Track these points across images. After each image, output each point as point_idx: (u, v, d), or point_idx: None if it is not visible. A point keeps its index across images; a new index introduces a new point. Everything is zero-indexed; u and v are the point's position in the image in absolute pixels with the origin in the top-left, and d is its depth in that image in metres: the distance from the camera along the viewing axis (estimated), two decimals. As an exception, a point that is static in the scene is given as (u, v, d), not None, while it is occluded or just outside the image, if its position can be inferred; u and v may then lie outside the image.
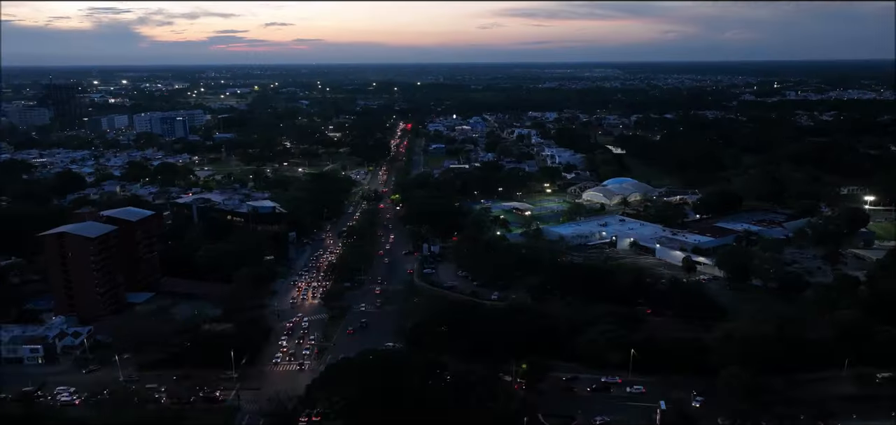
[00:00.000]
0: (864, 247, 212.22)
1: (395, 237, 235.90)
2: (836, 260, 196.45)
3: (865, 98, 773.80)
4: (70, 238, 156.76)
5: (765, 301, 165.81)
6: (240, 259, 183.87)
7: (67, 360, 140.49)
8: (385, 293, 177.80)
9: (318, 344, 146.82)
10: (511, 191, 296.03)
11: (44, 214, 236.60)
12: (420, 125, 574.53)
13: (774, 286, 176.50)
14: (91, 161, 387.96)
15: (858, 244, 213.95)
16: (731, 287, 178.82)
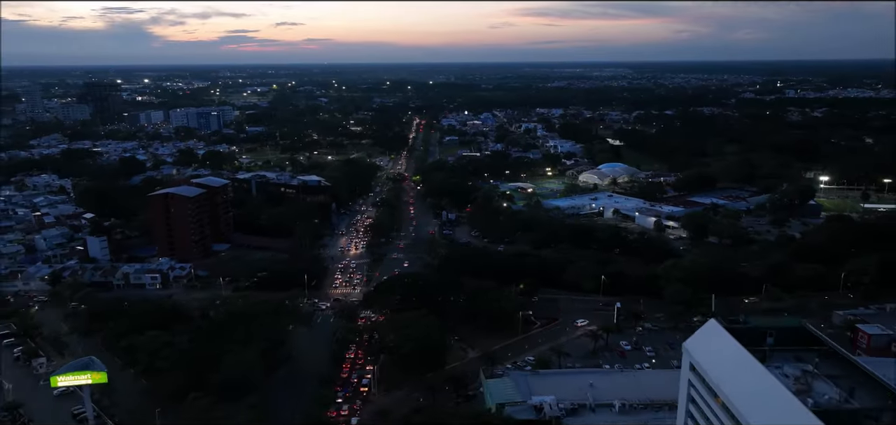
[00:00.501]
0: (811, 216, 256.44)
1: (417, 209, 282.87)
2: (782, 225, 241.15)
3: (862, 96, 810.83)
4: (173, 197, 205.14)
5: (715, 251, 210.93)
6: (294, 220, 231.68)
7: (178, 286, 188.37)
8: (413, 245, 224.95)
9: (365, 275, 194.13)
10: (516, 173, 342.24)
11: (124, 189, 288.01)
12: (434, 120, 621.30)
13: (727, 242, 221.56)
14: (140, 151, 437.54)
15: (806, 214, 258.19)
16: (691, 242, 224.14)
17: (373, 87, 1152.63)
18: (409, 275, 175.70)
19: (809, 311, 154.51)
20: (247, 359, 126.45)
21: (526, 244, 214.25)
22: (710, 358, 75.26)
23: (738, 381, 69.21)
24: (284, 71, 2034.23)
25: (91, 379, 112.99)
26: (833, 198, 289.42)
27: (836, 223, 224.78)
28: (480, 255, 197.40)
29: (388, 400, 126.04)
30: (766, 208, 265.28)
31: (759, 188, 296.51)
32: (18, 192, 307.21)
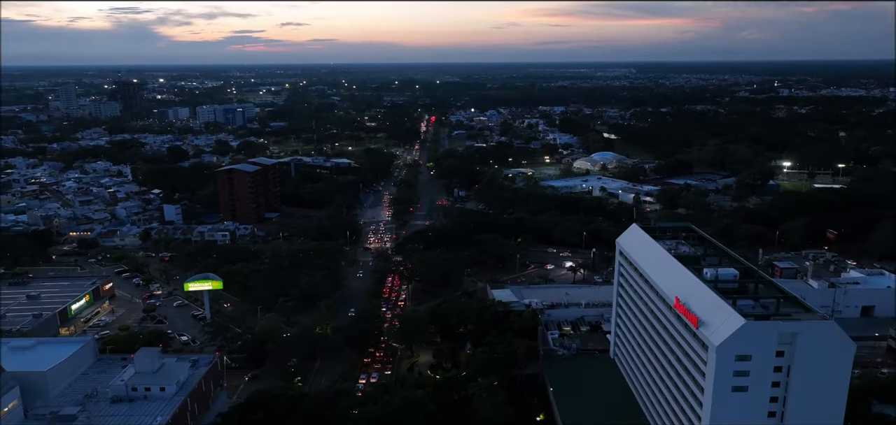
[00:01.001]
0: (769, 194, 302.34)
1: (430, 189, 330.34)
2: (742, 200, 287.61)
3: (852, 95, 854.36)
4: (236, 172, 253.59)
5: (679, 217, 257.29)
6: (330, 194, 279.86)
7: (243, 241, 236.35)
8: (429, 214, 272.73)
9: (393, 233, 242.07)
10: (518, 161, 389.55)
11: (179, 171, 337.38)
12: (443, 117, 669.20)
13: (692, 212, 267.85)
14: (177, 142, 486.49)
15: (765, 193, 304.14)
16: (662, 212, 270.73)
17: (382, 86, 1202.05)
18: (430, 228, 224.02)
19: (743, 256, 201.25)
20: (315, 280, 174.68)
21: (524, 213, 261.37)
22: (630, 243, 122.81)
23: (642, 251, 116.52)
24: (293, 71, 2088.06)
25: (212, 285, 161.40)
26: (791, 180, 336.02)
27: (782, 198, 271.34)
28: (486, 218, 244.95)
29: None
30: (731, 188, 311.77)
31: (729, 172, 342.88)
32: (84, 175, 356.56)
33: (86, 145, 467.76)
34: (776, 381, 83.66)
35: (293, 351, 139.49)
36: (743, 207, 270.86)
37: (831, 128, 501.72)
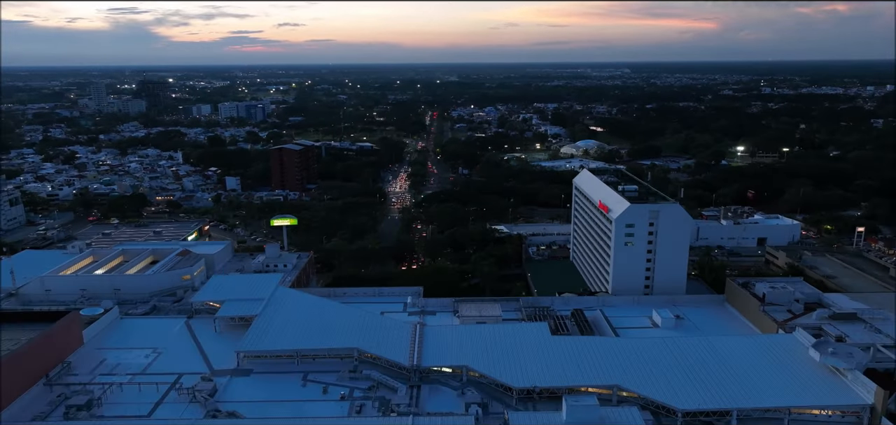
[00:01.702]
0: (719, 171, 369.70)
1: (439, 170, 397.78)
2: (696, 175, 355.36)
3: (829, 93, 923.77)
4: (286, 150, 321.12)
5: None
6: (357, 171, 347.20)
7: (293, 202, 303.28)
8: (440, 185, 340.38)
9: (412, 198, 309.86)
10: (513, 147, 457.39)
11: (226, 153, 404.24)
12: (445, 112, 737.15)
13: (653, 187, 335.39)
14: (212, 133, 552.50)
15: (716, 171, 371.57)
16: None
17: (385, 85, 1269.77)
18: (442, 191, 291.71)
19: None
20: (360, 221, 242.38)
21: (516, 183, 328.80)
22: (581, 181, 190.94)
23: (587, 184, 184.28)
24: (294, 71, 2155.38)
25: (290, 221, 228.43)
26: (739, 161, 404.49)
27: (724, 171, 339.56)
28: (486, 185, 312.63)
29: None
30: (690, 167, 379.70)
31: (691, 155, 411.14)
32: (143, 159, 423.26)
33: (128, 135, 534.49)
34: (650, 240, 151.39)
35: (353, 259, 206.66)
36: (694, 178, 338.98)
37: (792, 121, 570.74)
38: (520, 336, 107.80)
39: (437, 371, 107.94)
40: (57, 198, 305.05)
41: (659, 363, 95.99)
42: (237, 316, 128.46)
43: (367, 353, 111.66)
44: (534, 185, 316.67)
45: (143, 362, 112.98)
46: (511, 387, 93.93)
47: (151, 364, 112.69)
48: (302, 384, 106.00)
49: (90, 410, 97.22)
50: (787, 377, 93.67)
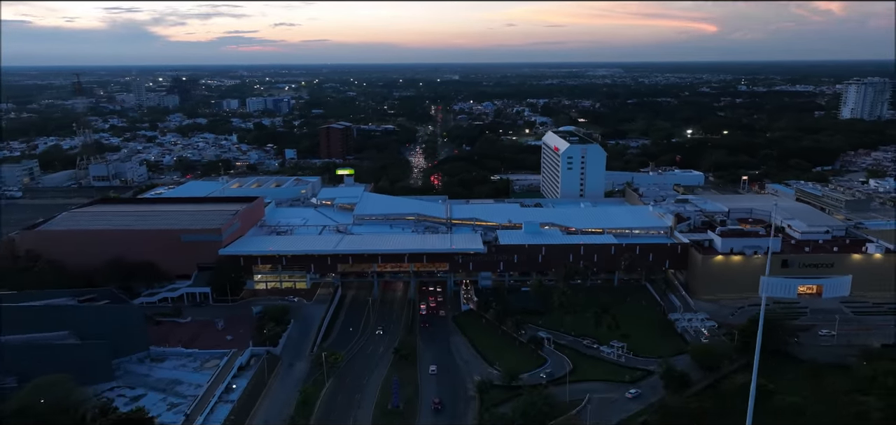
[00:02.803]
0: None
1: (447, 147, 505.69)
2: (662, 157, 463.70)
3: (800, 90, 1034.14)
4: (331, 129, 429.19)
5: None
6: (384, 145, 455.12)
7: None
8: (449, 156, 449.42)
9: (428, 162, 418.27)
10: (506, 132, 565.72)
11: (276, 134, 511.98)
12: (447, 106, 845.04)
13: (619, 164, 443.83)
14: (256, 121, 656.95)
15: (668, 150, 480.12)
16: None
17: (388, 84, 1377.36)
18: (451, 157, 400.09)
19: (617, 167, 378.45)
20: (395, 174, 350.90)
21: (507, 154, 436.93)
22: (547, 139, 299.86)
23: (550, 139, 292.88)
24: (297, 70, 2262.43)
25: (349, 171, 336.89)
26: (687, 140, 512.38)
27: (665, 145, 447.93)
28: (484, 152, 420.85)
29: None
30: (645, 145, 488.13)
31: (648, 137, 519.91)
32: (204, 140, 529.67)
33: (177, 124, 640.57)
34: (582, 165, 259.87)
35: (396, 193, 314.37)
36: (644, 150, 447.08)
37: (748, 113, 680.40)
38: (505, 209, 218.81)
39: (459, 222, 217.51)
40: (162, 163, 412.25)
41: (575, 215, 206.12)
42: (346, 203, 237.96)
43: (423, 215, 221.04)
44: (520, 156, 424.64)
45: (300, 221, 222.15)
46: (496, 225, 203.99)
47: (306, 222, 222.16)
48: (389, 228, 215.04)
49: (290, 234, 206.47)
50: (638, 218, 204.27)
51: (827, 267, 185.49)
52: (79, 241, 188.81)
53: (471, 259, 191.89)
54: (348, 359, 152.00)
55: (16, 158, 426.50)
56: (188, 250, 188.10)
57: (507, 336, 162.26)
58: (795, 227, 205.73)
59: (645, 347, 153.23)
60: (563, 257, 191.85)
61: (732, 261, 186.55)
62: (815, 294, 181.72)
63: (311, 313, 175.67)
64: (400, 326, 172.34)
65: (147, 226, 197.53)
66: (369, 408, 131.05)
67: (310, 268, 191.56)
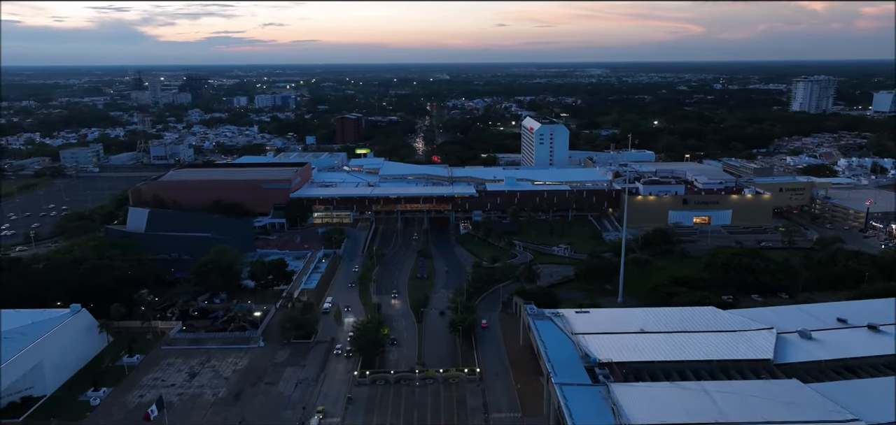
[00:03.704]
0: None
1: (444, 135, 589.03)
2: (619, 141, 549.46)
3: (772, 89, 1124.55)
4: (345, 119, 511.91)
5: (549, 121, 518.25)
6: (391, 133, 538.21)
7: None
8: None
9: (429, 146, 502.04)
10: (495, 124, 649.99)
11: (292, 124, 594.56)
12: (441, 103, 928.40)
13: (589, 147, 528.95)
14: (273, 114, 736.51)
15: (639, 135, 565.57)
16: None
17: (383, 83, 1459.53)
18: (448, 141, 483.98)
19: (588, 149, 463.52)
20: (403, 153, 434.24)
21: (495, 139, 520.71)
22: (525, 122, 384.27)
23: (527, 122, 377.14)
24: (290, 70, 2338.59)
25: (365, 151, 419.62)
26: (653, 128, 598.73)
27: (633, 133, 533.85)
28: (475, 138, 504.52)
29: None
30: (614, 134, 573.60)
31: (618, 127, 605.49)
32: (228, 130, 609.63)
33: (197, 118, 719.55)
34: (551, 141, 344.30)
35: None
36: (612, 137, 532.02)
37: (712, 108, 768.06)
38: (492, 171, 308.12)
39: (457, 179, 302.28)
40: (203, 147, 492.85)
41: (543, 174, 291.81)
42: (371, 168, 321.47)
43: (431, 175, 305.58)
44: (505, 141, 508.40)
45: (339, 180, 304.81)
46: (485, 180, 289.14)
47: (344, 181, 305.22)
48: (406, 183, 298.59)
49: (335, 187, 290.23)
50: (588, 175, 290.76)
51: (714, 204, 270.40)
52: (189, 188, 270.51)
53: (466, 201, 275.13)
54: (388, 257, 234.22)
55: (72, 144, 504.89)
56: (266, 195, 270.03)
57: (492, 246, 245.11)
58: (699, 180, 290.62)
59: (582, 248, 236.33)
60: (531, 199, 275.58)
61: (649, 200, 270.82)
62: (707, 222, 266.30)
63: (357, 235, 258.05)
64: (419, 242, 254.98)
65: (234, 178, 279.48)
66: (404, 277, 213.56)
67: (352, 208, 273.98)
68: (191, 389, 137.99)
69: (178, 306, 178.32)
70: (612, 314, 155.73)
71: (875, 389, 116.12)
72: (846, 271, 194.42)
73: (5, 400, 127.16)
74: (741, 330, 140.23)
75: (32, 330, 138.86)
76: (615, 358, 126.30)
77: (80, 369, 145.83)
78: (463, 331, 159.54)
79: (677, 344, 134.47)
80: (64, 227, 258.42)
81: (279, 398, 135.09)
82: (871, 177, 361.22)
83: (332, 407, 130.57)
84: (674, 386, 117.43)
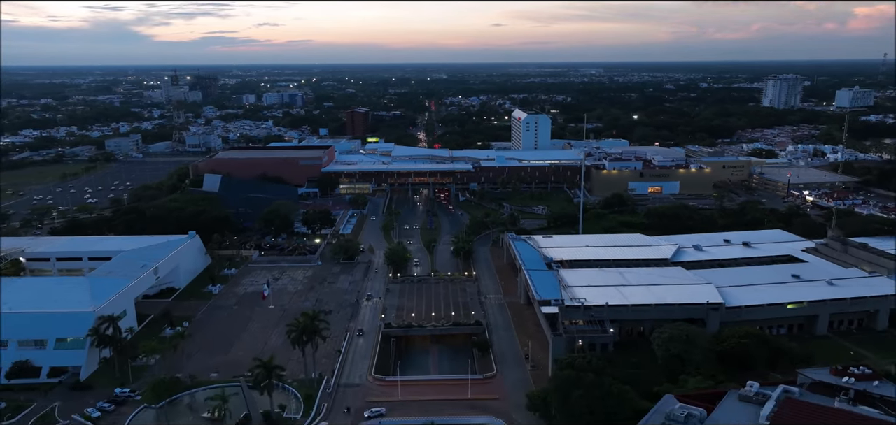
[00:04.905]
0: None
1: (443, 128, 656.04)
2: (599, 133, 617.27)
3: (754, 87, 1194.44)
4: (355, 112, 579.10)
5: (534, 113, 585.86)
6: (395, 126, 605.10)
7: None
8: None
9: (433, 134, 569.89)
10: (490, 118, 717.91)
11: (304, 118, 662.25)
12: (439, 101, 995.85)
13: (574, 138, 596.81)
14: (284, 111, 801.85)
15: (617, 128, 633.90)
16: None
17: (382, 82, 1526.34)
18: (449, 131, 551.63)
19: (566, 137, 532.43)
20: (408, 139, 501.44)
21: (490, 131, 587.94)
22: (514, 114, 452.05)
23: (516, 113, 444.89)
24: (289, 69, 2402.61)
25: (375, 139, 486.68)
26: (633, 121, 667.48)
27: (614, 126, 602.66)
28: (472, 127, 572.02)
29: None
30: (598, 127, 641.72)
31: (602, 121, 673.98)
32: (244, 125, 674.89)
33: (214, 114, 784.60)
34: (536, 129, 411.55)
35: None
36: (596, 130, 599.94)
37: (692, 105, 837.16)
38: (485, 152, 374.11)
39: (459, 158, 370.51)
40: (228, 138, 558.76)
41: (528, 155, 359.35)
42: (384, 150, 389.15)
43: (435, 156, 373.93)
44: (498, 132, 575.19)
45: (358, 160, 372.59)
46: (480, 158, 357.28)
47: (362, 160, 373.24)
48: (414, 162, 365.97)
49: (356, 164, 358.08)
50: (564, 155, 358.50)
51: (665, 176, 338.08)
52: (239, 164, 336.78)
53: (464, 175, 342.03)
54: (403, 216, 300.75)
55: (108, 136, 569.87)
56: (302, 170, 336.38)
57: (485, 208, 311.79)
58: (656, 159, 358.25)
59: (556, 210, 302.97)
60: (518, 173, 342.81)
61: (613, 173, 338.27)
62: (659, 191, 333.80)
63: (376, 201, 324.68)
64: (427, 206, 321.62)
65: (275, 157, 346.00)
66: (417, 228, 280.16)
67: (372, 180, 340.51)
68: (277, 286, 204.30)
69: (253, 242, 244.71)
70: (568, 237, 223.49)
71: (729, 273, 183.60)
72: (752, 220, 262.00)
73: (157, 287, 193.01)
74: (654, 245, 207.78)
75: (168, 246, 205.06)
76: (565, 258, 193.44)
77: (197, 275, 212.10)
78: (463, 255, 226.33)
79: (608, 251, 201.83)
80: (138, 195, 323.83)
81: (339, 290, 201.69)
82: (809, 159, 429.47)
83: (375, 294, 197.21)
84: (600, 270, 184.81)
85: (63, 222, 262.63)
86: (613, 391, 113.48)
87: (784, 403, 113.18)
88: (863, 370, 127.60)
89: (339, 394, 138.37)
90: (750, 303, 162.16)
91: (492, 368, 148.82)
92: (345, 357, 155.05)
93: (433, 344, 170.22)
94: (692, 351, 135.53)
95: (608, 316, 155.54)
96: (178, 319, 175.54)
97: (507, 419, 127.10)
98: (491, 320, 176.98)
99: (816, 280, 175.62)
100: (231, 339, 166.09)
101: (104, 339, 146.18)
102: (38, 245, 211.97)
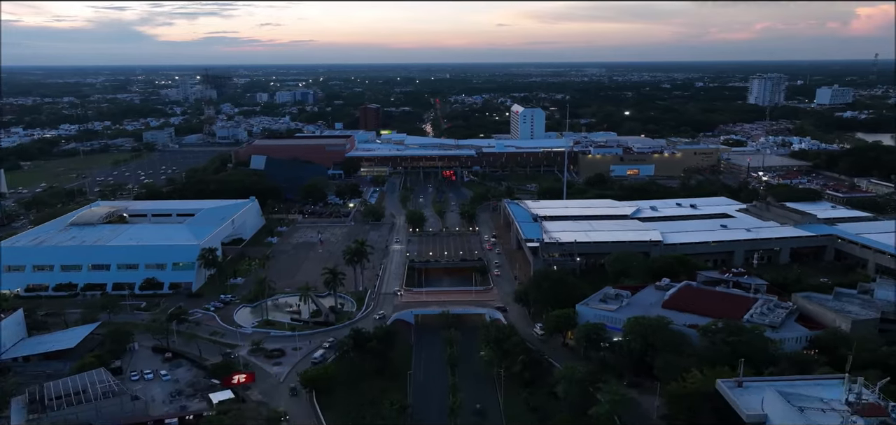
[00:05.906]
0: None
1: (446, 123, 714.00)
2: (592, 128, 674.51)
3: (742, 86, 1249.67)
4: (368, 108, 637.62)
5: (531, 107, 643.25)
6: (404, 121, 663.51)
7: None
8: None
9: (435, 132, 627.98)
10: (491, 114, 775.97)
11: (320, 114, 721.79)
12: (444, 98, 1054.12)
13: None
14: (298, 107, 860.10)
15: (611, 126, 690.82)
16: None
17: (387, 81, 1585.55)
18: (455, 125, 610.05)
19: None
20: (417, 132, 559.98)
21: (491, 125, 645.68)
22: (513, 109, 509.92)
23: (514, 109, 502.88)
24: (295, 69, 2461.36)
25: (388, 131, 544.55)
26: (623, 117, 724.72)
27: (607, 121, 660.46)
28: (475, 122, 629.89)
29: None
30: (592, 121, 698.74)
31: (596, 118, 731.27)
32: (263, 120, 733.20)
33: (231, 111, 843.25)
34: (532, 122, 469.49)
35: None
36: (591, 124, 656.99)
37: (682, 102, 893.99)
38: (487, 141, 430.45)
39: (464, 146, 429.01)
40: (252, 130, 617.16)
41: (524, 144, 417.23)
42: (397, 139, 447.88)
43: (443, 144, 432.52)
44: (499, 126, 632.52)
45: (375, 147, 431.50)
46: (482, 146, 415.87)
47: (379, 148, 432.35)
48: (425, 149, 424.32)
49: (374, 151, 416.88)
50: (556, 143, 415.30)
51: (642, 161, 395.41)
52: (274, 150, 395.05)
53: (469, 159, 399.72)
54: (417, 191, 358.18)
55: (141, 130, 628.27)
56: (329, 155, 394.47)
57: (486, 186, 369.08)
58: (635, 146, 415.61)
59: (545, 187, 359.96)
60: (515, 158, 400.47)
61: (597, 158, 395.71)
62: (636, 173, 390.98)
63: (393, 180, 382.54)
64: (436, 185, 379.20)
65: (304, 144, 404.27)
66: (429, 201, 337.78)
67: (388, 164, 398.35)
68: (323, 236, 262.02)
69: (296, 208, 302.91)
70: (552, 201, 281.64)
71: (673, 225, 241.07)
72: (708, 193, 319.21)
73: (231, 237, 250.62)
74: (620, 207, 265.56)
75: (236, 207, 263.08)
76: (548, 214, 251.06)
77: (257, 231, 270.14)
78: (468, 217, 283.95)
79: (582, 210, 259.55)
80: (190, 176, 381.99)
81: (370, 240, 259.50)
82: (776, 148, 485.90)
83: (400, 242, 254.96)
84: (574, 221, 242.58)
85: (142, 192, 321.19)
86: (569, 281, 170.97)
87: (682, 288, 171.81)
88: (740, 269, 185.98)
89: (380, 299, 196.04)
90: (683, 241, 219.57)
91: (490, 284, 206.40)
92: (381, 278, 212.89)
93: (445, 275, 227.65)
94: (630, 269, 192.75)
95: (576, 250, 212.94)
96: (250, 259, 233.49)
97: (500, 310, 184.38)
98: (489, 258, 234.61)
99: (738, 228, 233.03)
100: (294, 271, 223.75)
101: (209, 262, 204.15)
102: (135, 205, 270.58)
